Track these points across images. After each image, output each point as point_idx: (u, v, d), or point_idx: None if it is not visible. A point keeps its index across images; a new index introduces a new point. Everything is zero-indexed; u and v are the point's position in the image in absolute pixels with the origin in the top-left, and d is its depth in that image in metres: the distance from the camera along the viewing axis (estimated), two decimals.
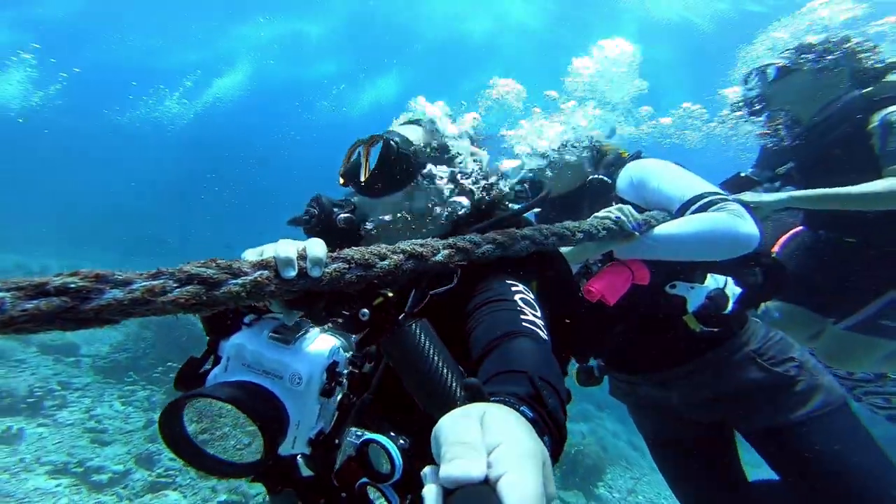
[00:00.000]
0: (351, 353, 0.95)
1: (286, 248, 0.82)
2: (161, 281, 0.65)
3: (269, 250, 0.83)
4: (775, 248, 2.58)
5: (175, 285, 0.67)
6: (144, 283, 0.63)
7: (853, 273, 2.36)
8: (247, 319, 0.90)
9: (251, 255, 0.84)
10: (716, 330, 1.86)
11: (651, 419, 2.20)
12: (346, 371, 0.92)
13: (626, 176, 1.90)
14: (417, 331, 0.95)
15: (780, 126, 2.53)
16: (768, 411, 1.85)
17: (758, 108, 2.55)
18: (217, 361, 0.88)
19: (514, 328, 0.97)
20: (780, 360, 1.89)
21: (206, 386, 0.84)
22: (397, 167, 1.26)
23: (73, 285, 0.54)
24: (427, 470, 0.47)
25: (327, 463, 0.95)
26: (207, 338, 0.93)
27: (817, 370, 1.90)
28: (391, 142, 1.26)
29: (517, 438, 0.45)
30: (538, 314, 1.06)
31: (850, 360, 2.42)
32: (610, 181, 1.94)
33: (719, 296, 1.84)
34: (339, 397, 0.91)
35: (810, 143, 2.41)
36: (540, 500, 0.40)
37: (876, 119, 2.18)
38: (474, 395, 0.57)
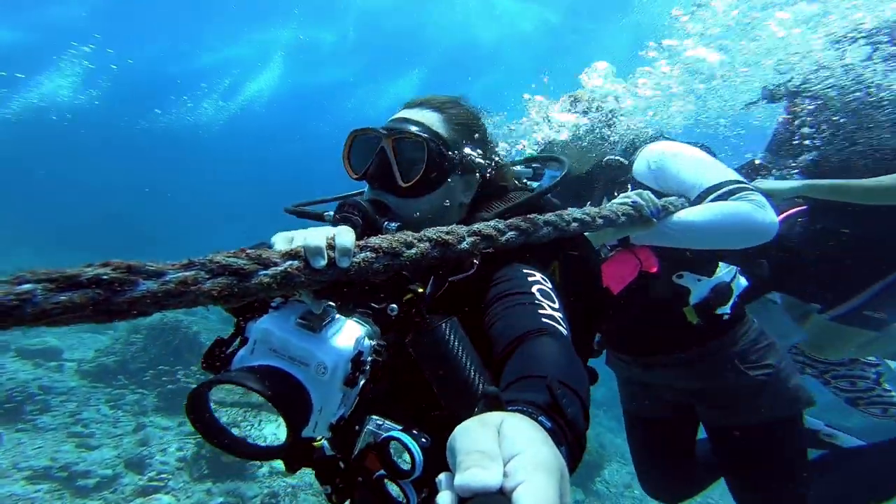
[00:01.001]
0: (376, 341, 0.92)
1: (316, 237, 0.79)
2: (193, 272, 0.61)
3: (298, 237, 0.80)
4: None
5: (207, 276, 0.63)
6: (177, 275, 0.59)
7: (844, 264, 2.40)
8: (274, 303, 0.88)
9: (280, 240, 0.82)
10: (712, 325, 1.91)
11: (632, 395, 2.34)
12: (370, 359, 0.90)
13: (645, 160, 1.85)
14: (447, 331, 0.92)
15: (804, 117, 2.46)
16: (728, 411, 1.99)
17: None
18: (244, 342, 0.86)
19: (533, 326, 0.94)
20: (757, 365, 1.96)
21: (233, 370, 0.82)
22: (440, 165, 1.20)
23: (105, 276, 0.50)
24: (442, 477, 0.46)
25: (346, 447, 0.95)
26: (234, 318, 0.91)
27: (788, 378, 1.98)
28: (431, 142, 1.19)
29: (534, 449, 0.44)
30: (556, 305, 1.03)
31: (833, 349, 2.51)
32: (626, 163, 1.90)
33: (723, 289, 1.87)
34: (361, 384, 0.90)
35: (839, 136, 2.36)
36: None
37: None
38: (492, 404, 0.57)
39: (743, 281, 1.92)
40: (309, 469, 1.02)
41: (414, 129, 1.20)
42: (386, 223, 1.13)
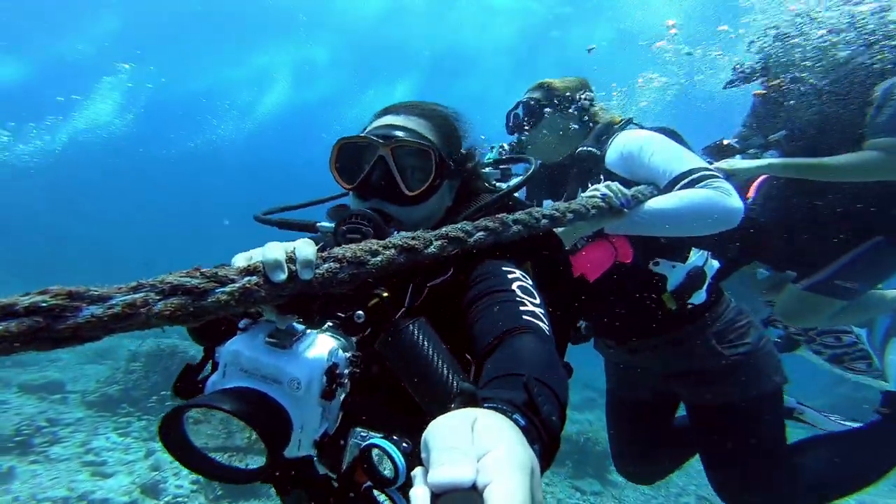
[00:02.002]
0: (351, 353, 0.91)
1: (274, 251, 0.78)
2: (142, 294, 0.61)
3: (257, 254, 0.80)
4: (750, 194, 2.60)
5: (158, 298, 0.63)
6: (124, 298, 0.59)
7: (815, 235, 2.44)
8: (242, 324, 0.87)
9: (240, 260, 0.81)
10: (690, 308, 1.94)
11: (616, 376, 2.42)
12: (346, 371, 0.89)
13: (616, 150, 1.88)
14: (415, 331, 0.91)
15: (781, 88, 2.49)
16: (705, 390, 2.02)
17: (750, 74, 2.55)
18: (215, 367, 0.85)
19: (515, 323, 0.94)
20: (736, 344, 1.99)
21: (205, 394, 0.81)
22: (440, 172, 1.19)
23: (44, 304, 0.50)
24: (417, 472, 0.47)
25: (335, 463, 0.94)
26: (201, 345, 0.90)
27: (768, 356, 2.03)
28: (433, 149, 1.18)
29: (507, 446, 0.45)
30: (537, 301, 1.03)
31: (805, 318, 2.56)
32: (599, 153, 1.92)
33: (697, 274, 1.92)
34: (341, 397, 0.89)
35: (810, 109, 2.39)
36: None
37: (879, 88, 2.16)
38: (468, 402, 0.58)
39: (715, 263, 1.97)
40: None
41: (410, 136, 1.19)
42: (394, 232, 1.11)
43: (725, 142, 2.58)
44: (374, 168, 1.16)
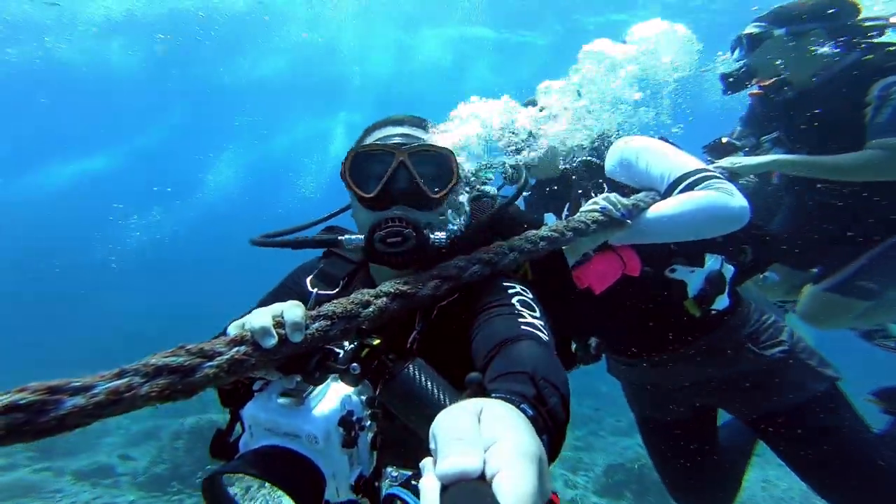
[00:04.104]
0: (366, 395, 0.92)
1: (261, 318, 0.80)
2: (126, 379, 0.63)
3: (248, 322, 0.81)
4: (773, 177, 2.57)
5: (142, 381, 0.64)
6: (107, 385, 0.60)
7: (834, 235, 2.40)
8: (255, 386, 0.88)
9: (233, 327, 0.83)
10: (714, 314, 1.86)
11: (643, 399, 2.24)
12: (366, 413, 0.90)
13: (615, 157, 1.85)
14: (415, 373, 0.90)
15: (771, 88, 2.49)
16: (760, 396, 1.89)
17: (734, 81, 2.53)
18: (244, 427, 0.88)
19: (513, 333, 0.95)
20: (771, 343, 1.89)
21: (236, 457, 0.83)
22: (458, 175, 1.20)
23: (23, 402, 0.52)
24: (426, 462, 0.47)
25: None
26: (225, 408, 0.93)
27: (806, 352, 1.91)
28: (450, 153, 1.19)
29: (515, 435, 0.44)
30: (537, 314, 1.03)
31: (829, 320, 2.47)
32: (599, 162, 1.90)
33: (717, 278, 1.84)
34: (369, 438, 0.90)
35: (801, 108, 2.38)
36: (535, 497, 0.39)
37: (875, 89, 2.14)
38: (475, 392, 0.58)
39: (730, 268, 1.88)
40: None
41: (424, 144, 1.20)
42: (431, 235, 1.11)
43: (724, 140, 2.56)
44: (395, 174, 1.13)
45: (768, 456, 2.29)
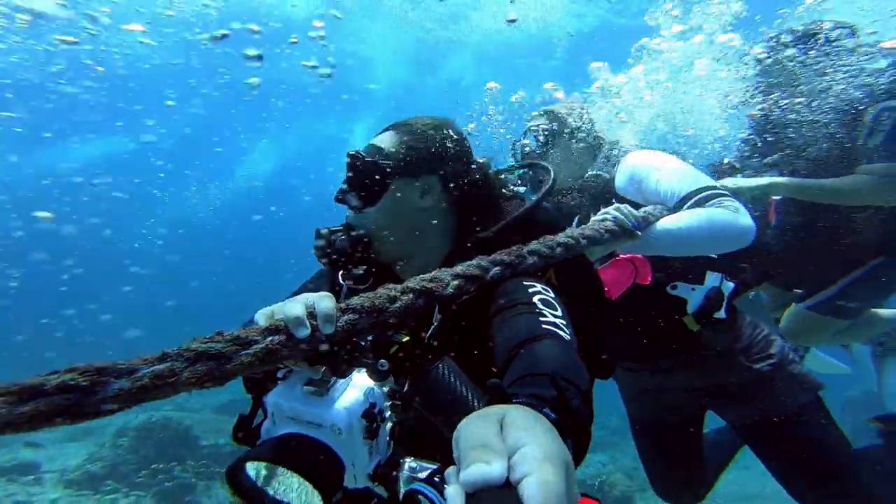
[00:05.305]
0: (389, 386, 0.92)
1: (294, 308, 0.78)
2: (168, 364, 0.59)
3: (278, 311, 0.80)
4: (771, 217, 2.61)
5: (183, 366, 0.61)
6: (151, 369, 0.57)
7: (819, 256, 2.48)
8: (280, 374, 0.88)
9: (262, 318, 0.81)
10: (710, 329, 1.94)
11: (637, 402, 2.36)
12: (387, 405, 0.90)
13: (625, 173, 1.88)
14: (443, 370, 0.92)
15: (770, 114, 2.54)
16: (749, 405, 2.01)
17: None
18: (266, 414, 0.88)
19: (534, 333, 0.95)
20: (762, 357, 2.01)
21: (258, 444, 0.84)
22: (377, 171, 1.25)
23: (72, 382, 0.48)
24: (450, 471, 0.47)
25: (390, 493, 0.93)
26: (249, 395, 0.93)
27: (794, 364, 2.05)
28: (360, 154, 1.26)
29: (539, 440, 0.44)
30: (559, 313, 1.03)
31: (809, 337, 2.62)
32: (608, 176, 1.93)
33: (717, 295, 1.92)
34: (388, 427, 0.91)
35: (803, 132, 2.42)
36: (563, 502, 0.39)
37: (870, 112, 2.17)
38: (496, 397, 0.57)
39: (730, 284, 1.96)
40: None
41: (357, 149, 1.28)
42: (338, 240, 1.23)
43: (726, 160, 2.61)
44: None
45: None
